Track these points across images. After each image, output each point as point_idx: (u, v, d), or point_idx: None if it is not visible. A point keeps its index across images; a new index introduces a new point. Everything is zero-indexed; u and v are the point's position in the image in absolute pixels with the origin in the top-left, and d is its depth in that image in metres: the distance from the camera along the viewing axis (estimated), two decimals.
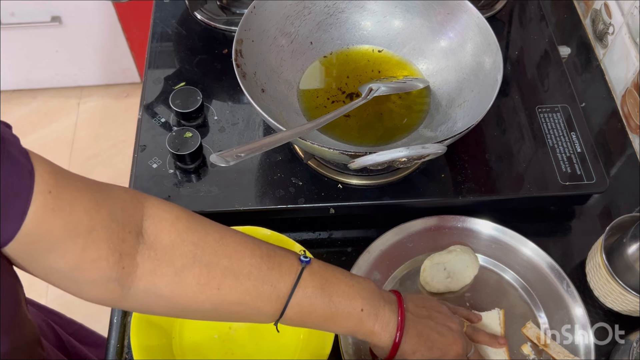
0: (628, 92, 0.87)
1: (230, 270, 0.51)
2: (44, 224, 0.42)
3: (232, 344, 0.68)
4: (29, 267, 0.46)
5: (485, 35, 0.75)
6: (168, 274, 0.49)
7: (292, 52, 0.80)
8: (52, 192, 0.43)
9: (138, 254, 0.48)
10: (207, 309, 0.52)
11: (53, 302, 1.51)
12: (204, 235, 0.51)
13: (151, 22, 0.94)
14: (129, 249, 0.47)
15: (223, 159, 0.57)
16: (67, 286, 0.48)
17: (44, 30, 1.68)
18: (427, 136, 0.75)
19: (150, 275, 0.48)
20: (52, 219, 0.43)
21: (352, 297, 0.55)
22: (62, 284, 0.47)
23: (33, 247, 0.43)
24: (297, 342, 0.68)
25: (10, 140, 0.42)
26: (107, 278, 0.47)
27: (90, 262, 0.45)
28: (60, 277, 0.47)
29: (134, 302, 0.50)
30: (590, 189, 0.75)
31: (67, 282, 0.47)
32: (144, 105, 0.82)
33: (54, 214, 0.43)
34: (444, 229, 0.74)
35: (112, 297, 0.48)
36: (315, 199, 0.73)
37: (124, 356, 0.68)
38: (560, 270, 0.70)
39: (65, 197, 0.44)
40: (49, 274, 0.46)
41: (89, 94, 1.95)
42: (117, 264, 0.46)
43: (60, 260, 0.45)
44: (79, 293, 0.48)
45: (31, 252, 0.44)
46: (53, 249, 0.44)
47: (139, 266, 0.48)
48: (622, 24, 0.89)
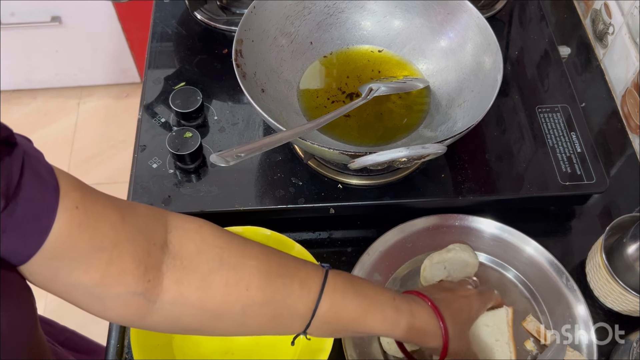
0: (628, 92, 0.87)
1: (257, 269, 0.50)
2: (69, 239, 0.42)
3: (232, 344, 0.68)
4: (49, 284, 0.44)
5: (485, 35, 0.75)
6: (195, 280, 0.48)
7: (292, 52, 0.80)
8: (79, 207, 0.42)
9: (163, 265, 0.47)
10: (237, 313, 0.50)
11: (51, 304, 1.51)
12: (229, 239, 0.51)
13: (151, 22, 0.94)
14: (155, 261, 0.46)
15: (223, 159, 0.57)
16: (90, 303, 0.46)
17: (44, 30, 1.68)
18: (427, 136, 0.75)
19: (176, 284, 0.47)
20: (78, 234, 0.42)
21: (380, 290, 0.56)
22: (85, 301, 0.46)
23: (56, 263, 0.42)
24: (297, 342, 0.68)
25: (35, 156, 0.42)
26: (133, 292, 0.45)
27: (116, 276, 0.44)
28: (84, 294, 0.45)
29: (160, 316, 0.48)
30: (590, 189, 0.75)
31: (90, 298, 0.46)
32: (144, 105, 0.82)
33: (80, 229, 0.42)
34: (443, 228, 0.75)
35: (138, 312, 0.47)
36: (315, 199, 0.73)
37: (124, 356, 0.68)
38: (560, 265, 0.71)
39: (92, 211, 0.43)
40: (72, 291, 0.45)
41: (89, 94, 1.96)
42: (143, 277, 0.45)
43: (84, 275, 0.44)
44: (104, 311, 0.47)
45: (54, 268, 0.43)
46: (77, 265, 0.43)
47: (165, 277, 0.47)
48: (622, 24, 0.89)
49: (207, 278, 0.48)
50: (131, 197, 0.73)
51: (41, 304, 1.59)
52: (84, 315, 1.12)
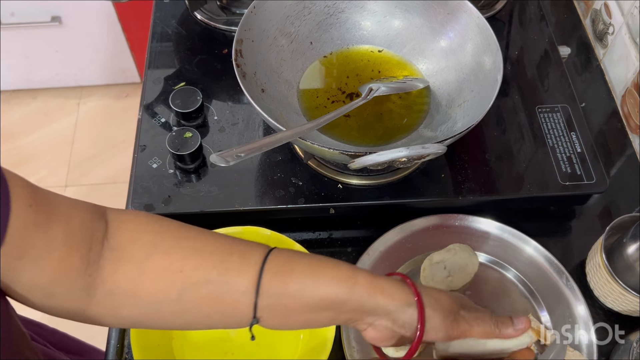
0: (628, 92, 0.87)
1: (192, 249, 0.48)
2: (27, 239, 0.42)
3: (232, 344, 0.68)
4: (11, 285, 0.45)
5: (485, 35, 0.75)
6: (130, 269, 0.48)
7: (292, 52, 0.80)
8: (32, 206, 0.43)
9: (102, 259, 0.47)
10: (173, 299, 0.48)
11: None
12: (164, 224, 0.50)
13: (151, 22, 0.94)
14: (95, 255, 0.47)
15: (223, 159, 0.57)
16: (43, 302, 0.47)
17: (44, 30, 1.68)
18: (427, 136, 0.75)
19: (112, 275, 0.47)
20: (34, 233, 0.43)
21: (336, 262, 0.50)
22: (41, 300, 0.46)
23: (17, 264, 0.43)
24: (297, 342, 0.68)
25: None
26: (79, 287, 0.46)
27: (66, 274, 0.45)
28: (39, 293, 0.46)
29: (101, 307, 0.48)
30: (590, 189, 0.75)
31: (45, 297, 0.46)
32: (144, 105, 0.82)
33: (36, 229, 0.43)
34: (443, 228, 0.74)
35: (80, 306, 0.47)
36: (315, 199, 0.73)
37: (124, 356, 0.68)
38: (560, 265, 0.71)
39: (43, 210, 0.44)
40: (31, 291, 0.45)
41: (89, 94, 1.96)
42: (85, 272, 0.46)
43: (41, 275, 0.44)
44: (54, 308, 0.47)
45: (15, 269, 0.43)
46: (36, 264, 0.44)
47: (103, 270, 0.47)
48: (622, 24, 0.89)
49: (141, 265, 0.48)
50: (131, 197, 0.74)
51: None
52: None
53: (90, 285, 0.47)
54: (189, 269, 0.47)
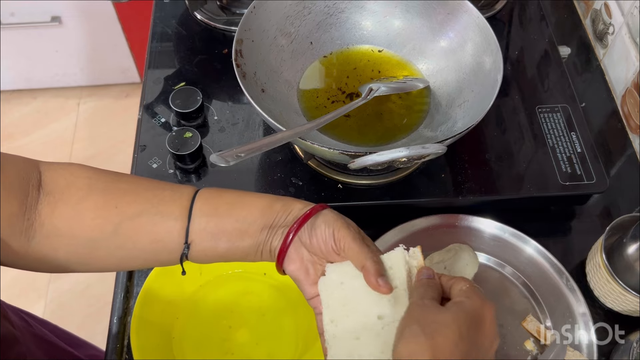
0: (628, 92, 0.87)
1: (127, 189, 0.52)
2: None
3: (232, 344, 0.68)
4: None
5: (485, 35, 0.75)
6: (66, 210, 0.50)
7: (292, 52, 0.80)
8: None
9: (39, 203, 0.50)
10: (110, 234, 0.50)
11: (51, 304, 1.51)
12: (99, 170, 0.53)
13: (151, 22, 0.94)
14: (32, 200, 0.49)
15: (223, 159, 0.57)
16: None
17: (44, 30, 1.68)
18: (427, 136, 0.76)
19: (49, 218, 0.50)
20: None
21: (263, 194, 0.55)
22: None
23: None
24: (297, 342, 0.68)
25: None
26: (19, 231, 0.49)
27: (7, 218, 0.48)
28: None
29: (39, 251, 0.50)
30: (590, 189, 0.75)
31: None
32: (144, 105, 0.82)
33: None
34: (443, 228, 0.74)
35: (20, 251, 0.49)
36: (315, 199, 0.73)
37: (124, 356, 0.68)
38: (560, 265, 0.71)
39: None
40: None
41: (89, 94, 1.96)
42: (24, 216, 0.49)
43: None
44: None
45: None
46: None
47: (40, 213, 0.50)
48: (622, 24, 0.89)
49: (77, 206, 0.50)
50: None
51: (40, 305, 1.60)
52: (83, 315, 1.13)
53: (28, 228, 0.49)
54: (124, 204, 0.51)
